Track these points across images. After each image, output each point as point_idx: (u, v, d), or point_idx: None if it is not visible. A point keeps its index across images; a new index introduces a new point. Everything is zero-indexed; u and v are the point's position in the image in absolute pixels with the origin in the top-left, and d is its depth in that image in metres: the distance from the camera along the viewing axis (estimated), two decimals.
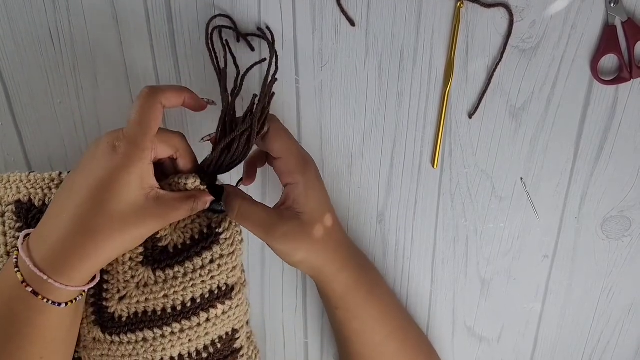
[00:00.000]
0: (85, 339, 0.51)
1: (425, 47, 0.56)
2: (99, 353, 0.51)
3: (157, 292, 0.50)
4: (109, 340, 0.50)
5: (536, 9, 0.54)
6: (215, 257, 0.51)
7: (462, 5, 0.54)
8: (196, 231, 0.51)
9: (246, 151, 0.50)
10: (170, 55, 0.56)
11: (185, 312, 0.50)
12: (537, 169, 0.60)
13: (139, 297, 0.50)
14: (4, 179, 0.53)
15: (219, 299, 0.52)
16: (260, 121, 0.49)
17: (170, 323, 0.50)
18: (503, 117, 0.58)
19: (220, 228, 0.51)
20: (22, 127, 0.60)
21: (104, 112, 0.59)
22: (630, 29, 0.54)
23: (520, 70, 0.56)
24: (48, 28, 0.55)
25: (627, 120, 0.58)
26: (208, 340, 0.52)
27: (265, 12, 0.55)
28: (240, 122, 0.49)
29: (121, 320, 0.50)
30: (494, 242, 0.64)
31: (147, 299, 0.50)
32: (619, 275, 0.65)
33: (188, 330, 0.51)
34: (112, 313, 0.50)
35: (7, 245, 0.51)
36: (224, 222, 0.51)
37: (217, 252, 0.51)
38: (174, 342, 0.51)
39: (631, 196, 0.61)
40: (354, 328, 0.58)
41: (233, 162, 0.50)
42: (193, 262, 0.50)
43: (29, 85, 0.58)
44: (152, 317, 0.50)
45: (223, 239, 0.51)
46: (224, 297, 0.52)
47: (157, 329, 0.50)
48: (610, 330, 0.68)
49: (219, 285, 0.51)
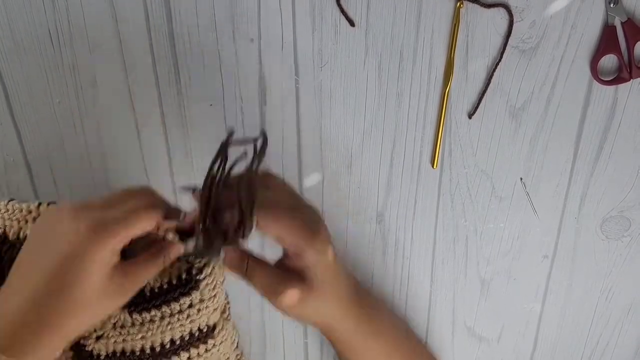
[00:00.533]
0: None
1: (425, 47, 0.56)
2: None
3: (134, 333, 0.48)
4: None
5: (536, 9, 0.54)
6: (195, 302, 0.49)
7: (461, 5, 0.54)
8: (174, 275, 0.49)
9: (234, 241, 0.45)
10: (170, 56, 0.56)
11: (165, 352, 0.49)
12: (536, 169, 0.60)
13: (116, 338, 0.48)
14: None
15: (199, 340, 0.50)
16: (244, 227, 0.43)
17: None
18: (503, 117, 0.58)
19: (202, 274, 0.48)
20: (21, 127, 0.60)
21: (103, 112, 0.59)
22: (630, 29, 0.54)
23: (520, 71, 0.56)
24: (47, 28, 0.55)
25: (627, 120, 0.58)
26: None
27: (265, 12, 0.55)
28: (225, 218, 0.43)
29: (99, 359, 0.49)
30: (493, 242, 0.64)
31: (125, 340, 0.49)
32: (618, 276, 0.65)
33: None
34: (90, 351, 0.49)
35: None
36: (206, 268, 0.48)
37: (196, 297, 0.49)
38: None
39: (631, 196, 0.61)
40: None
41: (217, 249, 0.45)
42: (170, 306, 0.48)
43: (28, 84, 0.58)
44: (130, 356, 0.49)
45: (204, 284, 0.49)
46: (205, 337, 0.50)
47: None
48: (609, 331, 0.68)
49: (200, 327, 0.50)
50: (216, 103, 0.58)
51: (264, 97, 0.58)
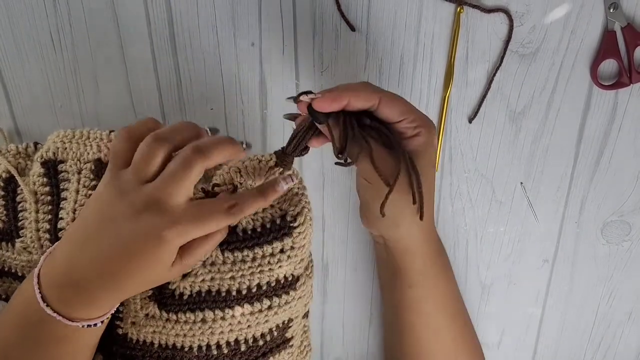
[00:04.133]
0: (137, 315, 0.49)
1: (425, 52, 0.56)
2: (151, 330, 0.49)
3: (225, 272, 0.48)
4: (165, 317, 0.48)
5: (536, 14, 0.54)
6: (286, 248, 0.49)
7: (462, 10, 0.54)
8: (267, 220, 0.49)
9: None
10: (171, 59, 0.56)
11: (250, 296, 0.49)
12: (537, 173, 0.60)
13: (204, 276, 0.48)
14: (83, 135, 0.51)
15: (284, 288, 0.50)
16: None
17: (233, 306, 0.48)
18: (503, 122, 0.58)
19: (296, 222, 0.49)
20: (22, 130, 0.60)
21: (104, 115, 0.59)
22: (630, 34, 0.54)
23: (520, 75, 0.56)
24: (49, 31, 0.55)
25: (627, 124, 0.58)
26: (266, 328, 0.51)
27: (266, 16, 0.55)
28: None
29: (182, 298, 0.48)
30: (494, 246, 0.64)
31: (213, 278, 0.48)
32: (619, 280, 0.65)
33: (249, 316, 0.49)
34: (173, 290, 0.48)
35: (76, 202, 0.50)
36: (299, 217, 0.49)
37: (288, 243, 0.49)
38: (233, 326, 0.49)
39: (631, 201, 0.61)
40: (422, 310, 0.55)
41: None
42: (263, 249, 0.48)
43: (30, 88, 0.58)
44: (215, 297, 0.48)
45: (297, 232, 0.49)
46: (289, 287, 0.50)
47: (218, 311, 0.48)
48: (610, 335, 0.68)
49: (286, 275, 0.50)
50: (217, 107, 0.58)
51: (264, 101, 0.58)
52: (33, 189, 0.51)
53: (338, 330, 0.68)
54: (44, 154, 0.51)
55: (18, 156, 0.53)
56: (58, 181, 0.51)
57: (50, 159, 0.51)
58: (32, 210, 0.51)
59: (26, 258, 0.51)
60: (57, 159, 0.51)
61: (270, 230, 0.49)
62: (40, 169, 0.51)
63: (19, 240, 0.51)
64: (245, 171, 0.48)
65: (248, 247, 0.48)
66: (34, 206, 0.51)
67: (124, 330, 0.49)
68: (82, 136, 0.51)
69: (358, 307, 0.67)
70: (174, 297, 0.48)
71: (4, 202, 0.52)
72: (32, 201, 0.51)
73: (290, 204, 0.49)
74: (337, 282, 0.66)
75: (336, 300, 0.67)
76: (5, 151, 0.53)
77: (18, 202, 0.52)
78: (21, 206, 0.52)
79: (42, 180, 0.51)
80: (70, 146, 0.51)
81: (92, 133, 0.51)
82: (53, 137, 0.52)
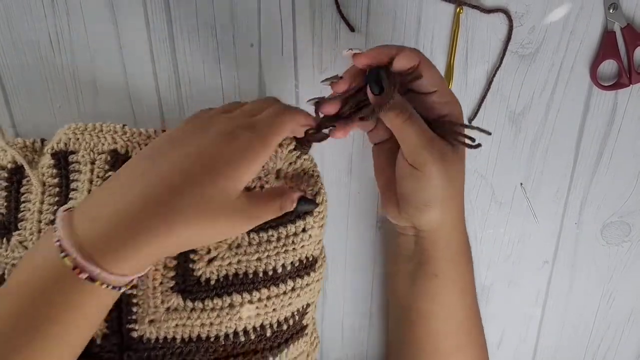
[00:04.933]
0: (156, 311, 0.47)
1: (425, 52, 0.56)
2: (173, 324, 0.47)
3: (251, 254, 0.48)
4: (190, 307, 0.47)
5: (535, 15, 0.54)
6: (308, 227, 0.50)
7: (461, 11, 0.54)
8: None
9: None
10: (170, 60, 0.56)
11: (276, 278, 0.49)
12: (536, 174, 0.60)
13: (231, 259, 0.48)
14: (96, 128, 0.51)
15: (305, 268, 0.51)
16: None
17: (260, 288, 0.48)
18: (503, 123, 0.58)
19: (315, 200, 0.50)
20: (21, 131, 0.60)
21: (103, 116, 0.59)
22: (629, 34, 0.54)
23: (520, 76, 0.56)
24: (48, 33, 0.55)
25: (627, 125, 0.58)
26: (289, 312, 0.51)
27: (265, 17, 0.55)
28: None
29: (209, 284, 0.47)
30: (493, 247, 0.64)
31: (240, 261, 0.48)
32: (619, 281, 0.65)
33: (274, 298, 0.49)
34: (199, 277, 0.47)
35: (89, 192, 0.49)
36: (318, 196, 0.50)
37: (309, 222, 0.50)
38: (260, 310, 0.49)
39: (631, 201, 0.61)
40: (443, 301, 0.54)
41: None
42: (287, 228, 0.49)
43: (28, 89, 0.58)
44: (243, 279, 0.48)
45: (317, 211, 0.50)
46: (309, 268, 0.51)
47: (246, 294, 0.48)
48: (610, 336, 0.68)
49: (307, 256, 0.51)
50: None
51: None
52: (42, 180, 0.51)
53: (337, 332, 0.68)
54: (54, 146, 0.51)
55: (25, 149, 0.53)
56: (68, 172, 0.51)
57: (61, 150, 0.51)
58: (37, 200, 0.50)
59: (19, 255, 0.50)
60: (69, 149, 0.51)
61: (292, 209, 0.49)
62: (51, 160, 0.51)
63: (17, 233, 0.51)
64: None
65: (272, 227, 0.49)
66: (40, 197, 0.50)
67: (140, 332, 0.47)
68: (95, 129, 0.51)
69: (358, 308, 0.67)
70: (200, 283, 0.47)
71: (6, 193, 0.52)
72: (39, 191, 0.50)
73: (309, 184, 0.50)
74: (336, 283, 0.66)
75: (336, 302, 0.67)
76: (13, 144, 0.53)
77: (22, 192, 0.52)
78: (25, 197, 0.51)
79: (52, 171, 0.51)
80: (82, 137, 0.51)
81: (105, 126, 0.51)
82: (64, 130, 0.52)
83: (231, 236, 0.45)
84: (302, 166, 0.51)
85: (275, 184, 0.49)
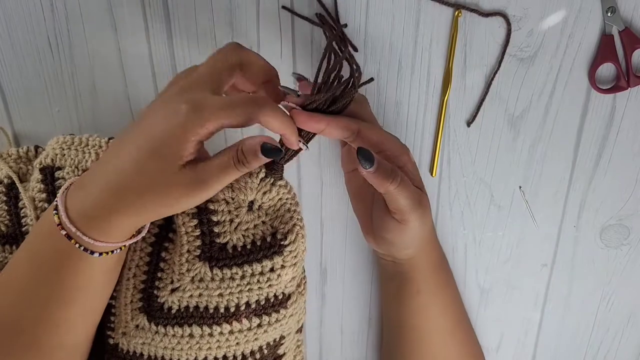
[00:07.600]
0: (127, 326, 0.49)
1: (424, 56, 0.56)
2: (140, 341, 0.49)
3: (213, 289, 0.47)
4: (154, 330, 0.48)
5: (534, 18, 0.54)
6: (277, 267, 0.48)
7: (460, 14, 0.54)
8: (258, 237, 0.48)
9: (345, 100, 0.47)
10: (169, 63, 0.56)
11: (238, 314, 0.48)
12: (535, 177, 0.60)
13: (192, 292, 0.47)
14: (82, 142, 0.51)
15: (274, 307, 0.49)
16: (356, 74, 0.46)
17: (221, 323, 0.48)
18: (501, 126, 0.58)
19: (286, 240, 0.48)
20: (20, 134, 0.59)
21: (102, 120, 0.59)
22: (628, 38, 0.54)
23: (518, 79, 0.56)
24: (47, 36, 0.55)
25: (625, 128, 0.58)
26: (256, 346, 0.50)
27: (264, 20, 0.55)
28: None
29: (170, 312, 0.48)
30: (492, 250, 0.64)
31: (201, 295, 0.47)
32: (618, 284, 0.65)
33: (237, 334, 0.49)
34: (162, 303, 0.48)
35: None
36: (290, 234, 0.48)
37: (278, 262, 0.48)
38: (221, 343, 0.49)
39: (630, 204, 0.61)
40: (430, 315, 0.56)
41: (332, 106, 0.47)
42: (252, 267, 0.47)
43: (27, 93, 0.58)
44: (203, 313, 0.48)
45: (287, 250, 0.48)
46: (279, 305, 0.50)
47: (206, 327, 0.48)
48: (609, 339, 0.68)
49: (276, 294, 0.49)
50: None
51: None
52: (32, 195, 0.51)
53: (337, 335, 0.68)
54: (42, 160, 0.51)
55: (19, 160, 0.53)
56: (55, 188, 0.51)
57: (48, 165, 0.51)
58: (33, 217, 0.51)
59: None
60: (55, 165, 0.51)
61: (261, 248, 0.48)
62: (39, 175, 0.51)
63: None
64: (238, 186, 0.47)
65: (237, 265, 0.47)
66: (34, 213, 0.51)
67: (115, 340, 0.49)
68: (81, 143, 0.51)
69: (357, 312, 0.67)
70: (163, 310, 0.48)
71: (6, 207, 0.52)
72: (31, 208, 0.51)
73: (282, 221, 0.48)
74: (335, 287, 0.66)
75: (335, 305, 0.67)
76: (7, 155, 0.53)
77: (20, 207, 0.52)
78: (23, 212, 0.52)
79: (40, 186, 0.51)
80: (69, 153, 0.51)
81: (91, 140, 0.51)
82: (52, 143, 0.52)
83: (194, 203, 0.44)
84: (279, 194, 0.48)
85: (247, 218, 0.48)
